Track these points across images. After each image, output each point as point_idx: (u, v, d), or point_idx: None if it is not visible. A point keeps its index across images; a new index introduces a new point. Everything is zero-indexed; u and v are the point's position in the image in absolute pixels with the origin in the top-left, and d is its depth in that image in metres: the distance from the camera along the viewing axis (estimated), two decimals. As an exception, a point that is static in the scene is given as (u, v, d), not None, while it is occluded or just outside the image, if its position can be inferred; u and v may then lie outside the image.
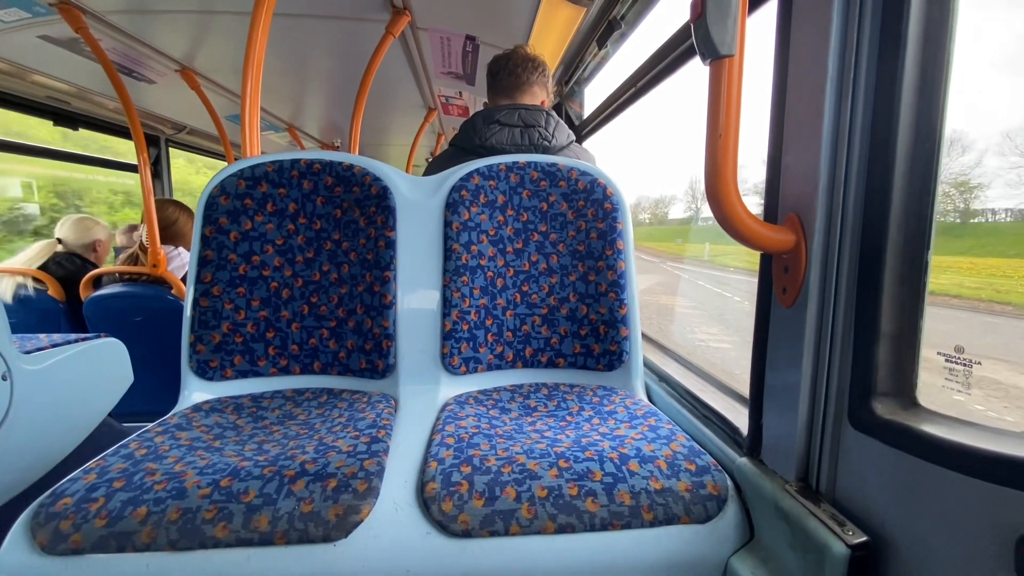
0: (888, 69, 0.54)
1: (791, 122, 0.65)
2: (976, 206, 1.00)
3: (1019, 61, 0.76)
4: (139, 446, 0.76)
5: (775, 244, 0.63)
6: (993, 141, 0.87)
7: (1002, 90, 0.69)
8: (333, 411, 0.93)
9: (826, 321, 0.61)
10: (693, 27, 0.56)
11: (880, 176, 0.55)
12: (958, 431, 0.47)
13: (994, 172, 0.89)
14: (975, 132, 0.70)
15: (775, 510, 0.64)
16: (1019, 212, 0.95)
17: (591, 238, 1.10)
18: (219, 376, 1.03)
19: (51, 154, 2.79)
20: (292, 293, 1.08)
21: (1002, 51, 0.50)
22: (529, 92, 1.46)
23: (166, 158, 3.37)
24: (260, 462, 0.72)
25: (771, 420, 0.70)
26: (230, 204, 1.05)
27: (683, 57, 1.33)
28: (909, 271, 0.54)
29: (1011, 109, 0.81)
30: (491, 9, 1.80)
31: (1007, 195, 0.92)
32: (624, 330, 1.07)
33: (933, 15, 0.52)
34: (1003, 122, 0.86)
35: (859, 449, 0.57)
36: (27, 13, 1.66)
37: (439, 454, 0.75)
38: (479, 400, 0.99)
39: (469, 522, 0.65)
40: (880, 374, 0.56)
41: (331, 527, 0.63)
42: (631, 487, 0.68)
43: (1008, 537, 0.41)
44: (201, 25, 1.92)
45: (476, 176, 1.11)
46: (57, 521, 0.62)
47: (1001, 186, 0.91)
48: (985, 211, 0.96)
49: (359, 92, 2.08)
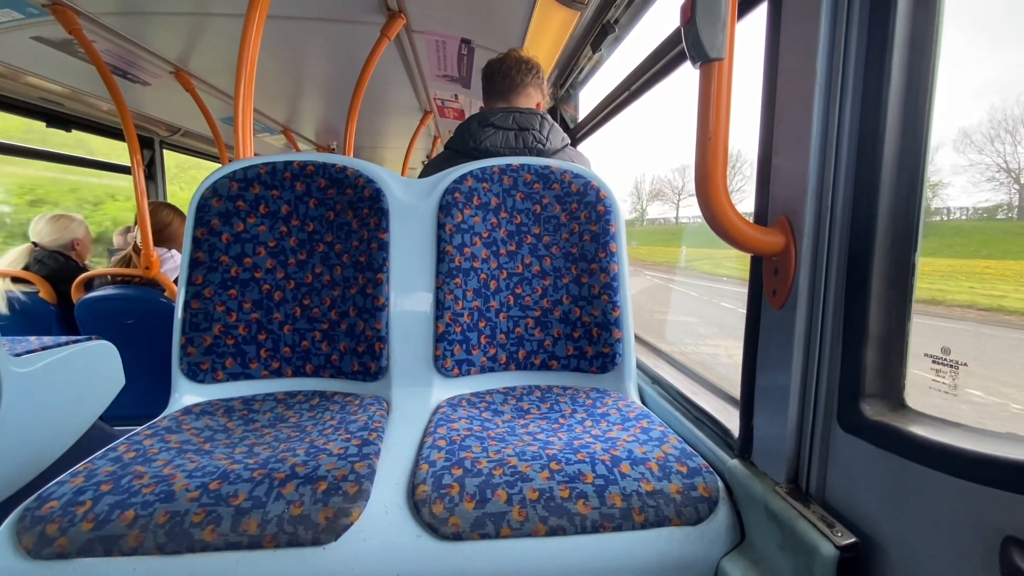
0: (875, 72, 0.55)
1: (781, 125, 0.65)
2: (937, 204, 0.99)
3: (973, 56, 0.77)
4: (127, 449, 0.76)
5: (765, 246, 0.63)
6: (951, 138, 0.88)
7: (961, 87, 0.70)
8: (325, 414, 0.93)
9: (815, 323, 0.61)
10: (683, 31, 0.56)
11: (868, 179, 0.56)
12: (945, 432, 0.48)
13: (953, 169, 0.89)
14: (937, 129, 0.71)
15: (765, 512, 0.64)
16: (980, 210, 0.95)
17: (584, 241, 1.11)
18: (210, 379, 1.03)
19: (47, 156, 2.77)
20: (284, 295, 1.07)
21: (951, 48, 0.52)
22: (524, 94, 1.47)
23: (160, 160, 3.36)
24: (250, 465, 0.71)
25: (762, 422, 0.70)
26: (222, 206, 1.05)
27: (676, 61, 1.33)
28: (896, 273, 0.55)
29: (965, 107, 0.83)
30: (486, 12, 1.80)
31: (967, 193, 0.92)
32: (617, 332, 1.07)
33: (919, 19, 0.53)
34: (960, 120, 0.87)
35: (848, 451, 0.57)
36: (19, 14, 1.66)
37: (430, 456, 0.75)
38: (472, 402, 0.99)
39: (460, 524, 0.64)
40: (868, 376, 0.56)
41: (321, 530, 0.63)
42: (622, 489, 0.68)
43: (994, 538, 0.41)
44: (196, 27, 1.92)
45: (469, 178, 1.11)
46: (43, 525, 0.61)
47: (963, 184, 0.91)
48: (943, 210, 0.96)
49: (354, 95, 2.08)
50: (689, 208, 6.73)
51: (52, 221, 2.29)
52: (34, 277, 2.10)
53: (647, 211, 7.12)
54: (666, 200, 7.00)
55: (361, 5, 1.74)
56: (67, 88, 2.36)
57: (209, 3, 1.72)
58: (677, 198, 6.71)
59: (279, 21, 1.82)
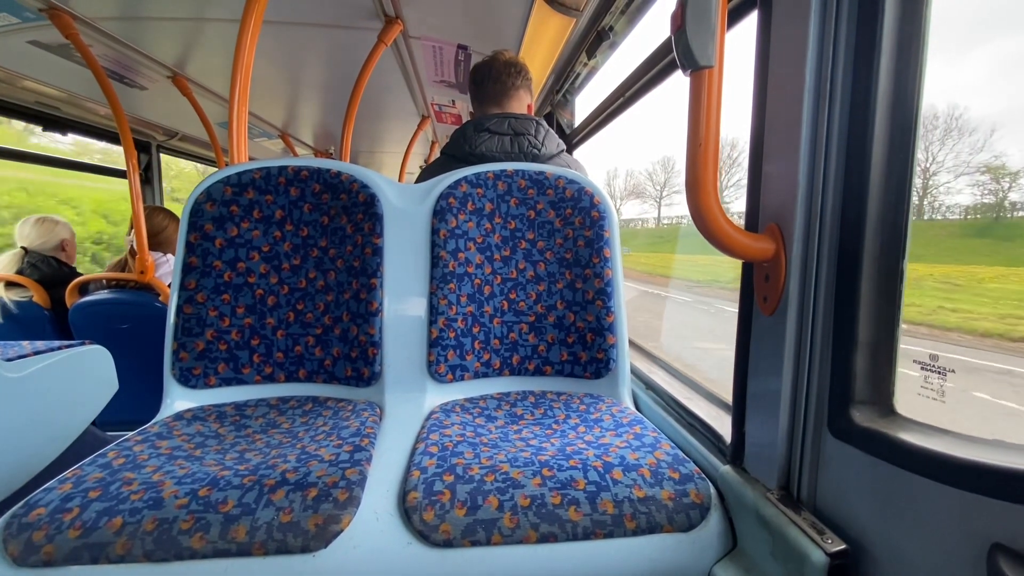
0: (864, 79, 0.55)
1: (771, 132, 0.65)
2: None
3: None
4: (117, 455, 0.75)
5: (755, 253, 0.63)
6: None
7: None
8: (317, 419, 0.92)
9: (806, 329, 0.61)
10: (674, 39, 0.57)
11: (856, 185, 0.56)
12: (934, 439, 0.48)
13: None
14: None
15: (757, 518, 0.64)
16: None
17: (578, 246, 1.11)
18: (202, 384, 1.02)
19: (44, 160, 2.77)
20: (278, 300, 1.07)
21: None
22: (516, 97, 1.47)
23: (157, 164, 3.36)
24: (240, 471, 0.71)
25: (753, 428, 0.70)
26: (216, 210, 1.05)
27: (671, 67, 1.34)
28: (885, 280, 0.55)
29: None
30: (482, 19, 1.81)
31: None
32: (611, 338, 1.07)
33: (906, 26, 0.53)
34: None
35: (839, 457, 0.57)
36: (16, 18, 1.66)
37: (422, 463, 0.74)
38: (465, 408, 0.99)
39: (450, 531, 0.64)
40: (858, 382, 0.56)
41: (310, 537, 0.62)
42: (614, 496, 0.68)
43: (981, 545, 0.41)
44: (193, 32, 1.92)
45: (464, 184, 1.11)
46: (30, 532, 0.60)
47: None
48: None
49: (351, 100, 2.08)
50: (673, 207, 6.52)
51: (37, 224, 2.26)
52: (28, 282, 2.09)
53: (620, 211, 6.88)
54: (646, 198, 6.83)
55: (358, 11, 1.74)
56: (64, 92, 2.36)
57: (206, 8, 1.72)
58: (659, 194, 6.54)
59: (277, 26, 1.83)
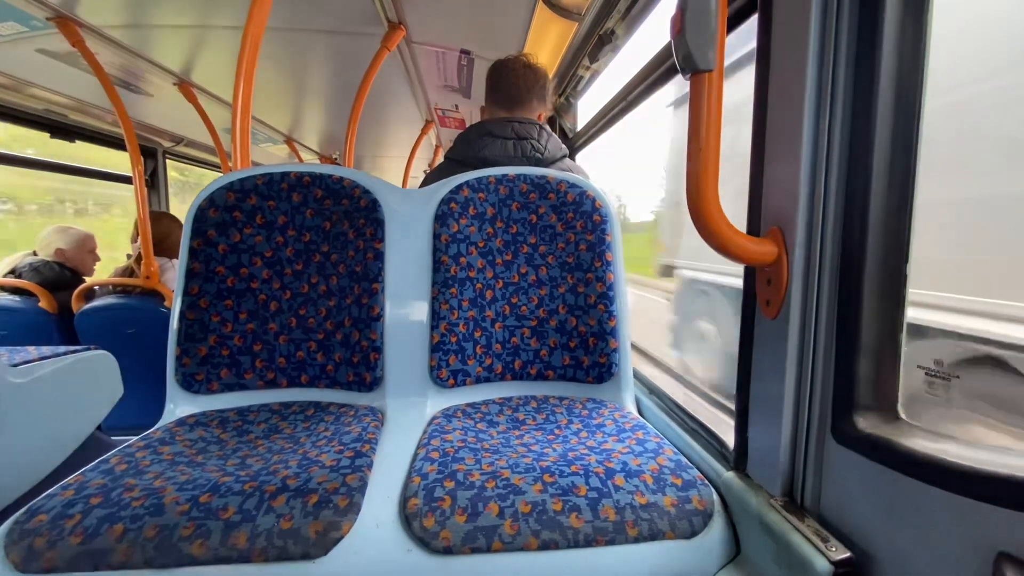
0: (865, 82, 0.55)
1: (772, 136, 0.65)
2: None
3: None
4: (120, 461, 0.75)
5: (757, 257, 0.63)
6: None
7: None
8: (319, 424, 0.92)
9: (808, 334, 0.61)
10: (674, 43, 0.57)
11: (859, 189, 0.55)
12: (938, 445, 0.47)
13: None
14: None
15: (760, 525, 0.63)
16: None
17: (580, 250, 1.10)
18: (205, 389, 1.02)
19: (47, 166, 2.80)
20: (280, 305, 1.07)
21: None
22: (528, 108, 1.45)
23: (163, 170, 3.38)
24: (241, 477, 0.71)
25: (756, 433, 0.69)
26: (219, 216, 1.06)
27: (673, 70, 1.34)
28: (888, 284, 0.54)
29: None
30: (485, 24, 1.82)
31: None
32: (614, 342, 1.06)
33: (907, 29, 0.53)
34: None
35: (842, 463, 0.57)
36: (24, 27, 1.68)
37: (423, 469, 0.74)
38: (467, 413, 0.98)
39: (451, 538, 0.64)
40: (861, 387, 0.55)
41: (311, 544, 0.62)
42: (616, 502, 0.67)
43: (987, 554, 0.40)
44: (198, 39, 1.94)
45: (465, 188, 1.12)
46: (32, 538, 0.61)
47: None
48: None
49: (354, 105, 2.09)
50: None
51: (51, 232, 2.35)
52: (34, 287, 2.11)
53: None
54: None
55: (361, 17, 1.75)
56: (71, 100, 2.39)
57: (211, 16, 1.74)
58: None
59: (281, 33, 1.84)
